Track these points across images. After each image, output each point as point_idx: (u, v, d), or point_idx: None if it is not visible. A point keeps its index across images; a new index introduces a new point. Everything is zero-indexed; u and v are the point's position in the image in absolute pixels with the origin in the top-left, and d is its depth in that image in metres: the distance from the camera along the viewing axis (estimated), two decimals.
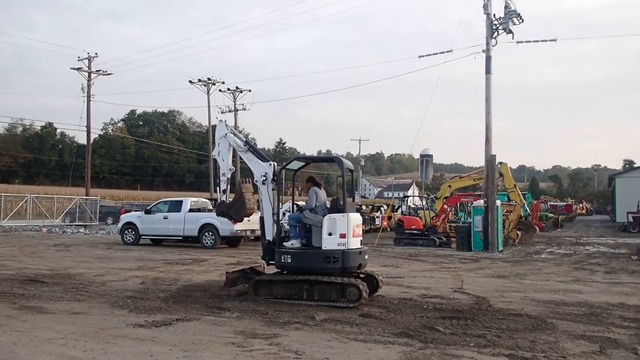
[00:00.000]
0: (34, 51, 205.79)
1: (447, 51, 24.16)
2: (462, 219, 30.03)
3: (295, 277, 9.31)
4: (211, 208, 23.61)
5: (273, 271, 10.09)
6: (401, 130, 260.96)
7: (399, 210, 36.85)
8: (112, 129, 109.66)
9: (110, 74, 40.07)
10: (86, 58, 38.59)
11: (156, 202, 25.01)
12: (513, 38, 22.50)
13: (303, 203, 10.44)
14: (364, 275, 9.97)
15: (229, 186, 10.61)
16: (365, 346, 6.66)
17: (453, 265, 16.58)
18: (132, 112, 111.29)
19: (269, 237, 9.84)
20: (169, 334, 7.14)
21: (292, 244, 9.63)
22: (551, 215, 48.39)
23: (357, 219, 9.81)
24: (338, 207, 9.60)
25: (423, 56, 25.37)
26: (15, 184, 76.50)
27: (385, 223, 33.04)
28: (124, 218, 23.91)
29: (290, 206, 10.80)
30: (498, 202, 22.41)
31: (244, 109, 44.48)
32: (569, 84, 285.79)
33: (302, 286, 9.26)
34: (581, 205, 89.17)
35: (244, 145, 10.43)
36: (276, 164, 10.16)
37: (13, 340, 6.69)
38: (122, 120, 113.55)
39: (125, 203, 49.34)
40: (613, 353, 6.50)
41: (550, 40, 24.11)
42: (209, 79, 43.11)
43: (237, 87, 44.41)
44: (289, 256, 9.35)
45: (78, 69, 38.56)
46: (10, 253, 18.13)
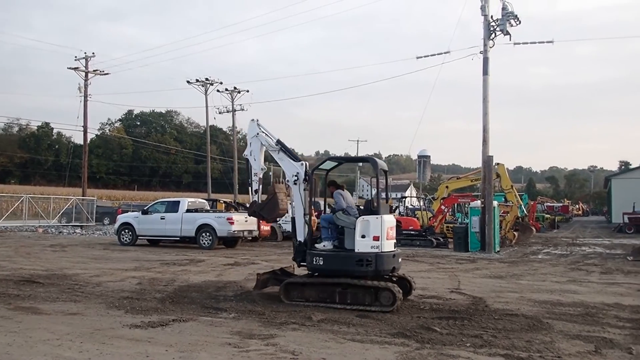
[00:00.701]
0: (31, 50, 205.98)
1: (445, 52, 24.26)
2: (460, 220, 30.07)
3: (327, 280, 9.14)
4: (208, 209, 23.64)
5: (302, 273, 9.97)
6: (399, 131, 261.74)
7: (397, 210, 36.87)
8: (109, 129, 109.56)
9: (107, 74, 40.05)
10: (83, 58, 38.56)
11: (153, 203, 24.97)
12: (510, 39, 22.58)
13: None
14: (396, 277, 9.76)
15: (261, 186, 10.47)
16: (362, 346, 6.66)
17: (450, 265, 16.61)
18: (130, 112, 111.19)
19: (300, 238, 9.67)
20: (166, 335, 7.13)
21: (324, 246, 9.42)
22: (548, 216, 48.48)
23: (391, 221, 9.60)
24: (372, 209, 9.45)
25: (421, 57, 25.46)
26: (11, 184, 76.36)
27: None
28: (121, 218, 23.86)
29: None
30: (495, 203, 22.44)
31: (242, 110, 44.39)
32: (566, 86, 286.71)
33: (335, 289, 9.04)
34: (577, 206, 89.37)
35: (276, 144, 10.22)
36: (308, 164, 10.00)
37: (8, 341, 6.66)
38: (120, 120, 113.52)
39: (122, 203, 49.27)
40: (608, 353, 6.52)
41: (547, 42, 24.23)
42: (207, 79, 43.07)
43: (235, 88, 44.34)
44: (321, 258, 9.13)
45: (75, 69, 38.51)
46: (5, 253, 18.08)
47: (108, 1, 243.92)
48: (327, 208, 10.72)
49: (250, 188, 10.45)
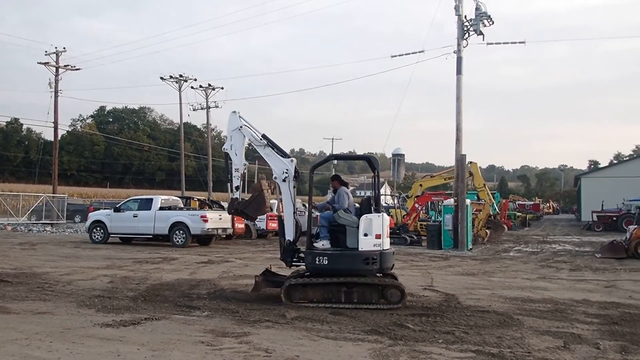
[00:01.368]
0: (0, 44, 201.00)
1: (419, 51, 24.45)
2: (433, 218, 30.34)
3: (333, 280, 8.96)
4: (182, 206, 23.44)
5: (288, 273, 9.91)
6: (374, 129, 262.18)
7: None
8: (81, 126, 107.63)
9: (79, 69, 39.31)
10: (54, 52, 37.76)
11: (126, 200, 24.68)
12: (483, 40, 22.87)
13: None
14: (381, 275, 9.68)
15: (241, 182, 10.02)
16: (335, 344, 6.68)
17: (423, 263, 16.76)
18: (102, 109, 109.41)
19: (290, 238, 9.46)
20: (137, 334, 7.05)
21: (323, 245, 9.23)
22: (519, 214, 49.17)
23: (388, 219, 9.70)
24: (373, 208, 9.51)
25: (396, 56, 25.64)
26: None
27: None
28: (93, 216, 23.53)
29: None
30: (468, 201, 22.70)
31: (217, 107, 44.05)
32: (538, 86, 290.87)
33: (340, 289, 8.97)
34: (548, 204, 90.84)
35: (262, 139, 9.80)
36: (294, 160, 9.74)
37: None
38: (91, 116, 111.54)
39: (94, 201, 48.50)
40: (576, 348, 6.66)
41: (519, 42, 24.64)
42: (181, 76, 42.65)
43: (210, 85, 43.98)
44: (326, 258, 8.92)
45: (45, 64, 37.71)
46: None
47: None
48: (302, 206, 10.49)
49: (229, 185, 9.94)
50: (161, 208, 21.99)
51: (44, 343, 6.49)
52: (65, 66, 38.38)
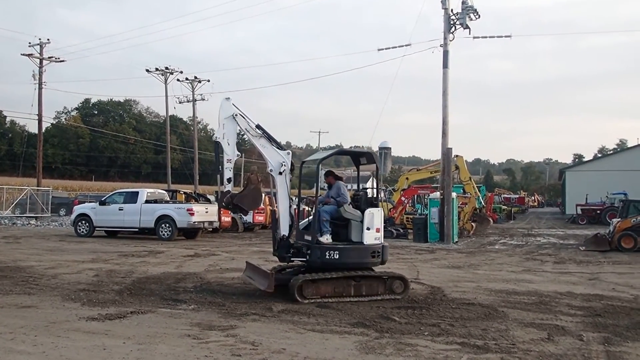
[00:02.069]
0: None
1: (406, 45, 24.50)
2: (419, 211, 30.48)
3: (345, 274, 8.93)
4: (168, 200, 23.32)
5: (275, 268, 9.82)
6: (360, 122, 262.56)
7: None
8: (66, 118, 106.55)
9: (63, 61, 38.89)
10: (38, 44, 37.29)
11: (111, 193, 24.48)
12: (470, 33, 22.98)
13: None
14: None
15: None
16: (321, 336, 6.70)
17: (409, 256, 16.84)
18: (87, 101, 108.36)
19: (285, 232, 9.29)
20: (123, 327, 7.02)
21: (327, 239, 9.07)
22: (504, 207, 49.63)
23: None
24: (373, 202, 9.61)
25: (382, 49, 25.68)
26: None
27: None
28: (78, 209, 23.35)
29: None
30: (454, 195, 22.84)
31: (203, 99, 43.83)
32: (523, 80, 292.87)
33: (350, 283, 8.97)
34: (533, 197, 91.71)
35: (257, 129, 9.42)
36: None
37: None
38: (76, 109, 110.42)
39: (79, 194, 48.05)
40: (560, 340, 6.73)
41: (505, 36, 24.97)
42: (167, 68, 42.36)
43: (196, 77, 43.76)
44: (337, 252, 8.87)
45: (29, 55, 37.23)
46: None
47: None
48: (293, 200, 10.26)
49: (220, 176, 9.39)
50: (147, 201, 21.88)
51: (29, 337, 6.43)
52: (49, 58, 37.95)
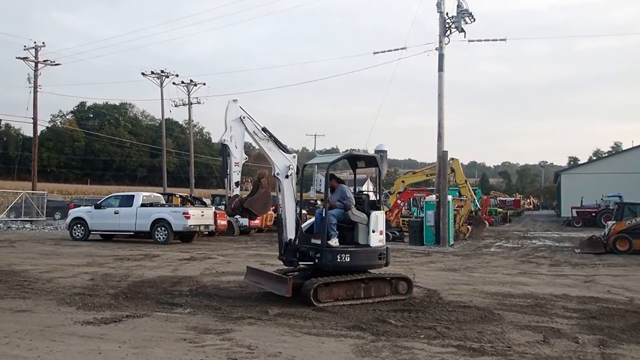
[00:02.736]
0: None
1: (402, 48, 24.47)
2: (415, 214, 30.52)
3: (355, 277, 9.07)
4: (163, 203, 23.27)
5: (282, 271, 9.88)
6: (356, 125, 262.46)
7: None
8: (61, 122, 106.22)
9: (58, 64, 38.81)
10: (33, 47, 37.28)
11: (107, 197, 24.44)
12: (465, 37, 23.03)
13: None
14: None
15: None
16: (318, 340, 6.70)
17: (405, 259, 16.84)
18: (82, 104, 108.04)
19: (292, 236, 9.27)
20: (119, 331, 7.00)
21: (335, 243, 9.08)
22: (500, 210, 49.62)
23: None
24: (376, 205, 9.76)
25: (378, 52, 25.68)
26: None
27: None
28: (73, 213, 23.27)
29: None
30: (449, 197, 22.87)
31: (199, 103, 43.82)
32: (518, 83, 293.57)
33: (360, 285, 9.13)
34: (529, 200, 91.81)
35: (264, 132, 9.31)
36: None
37: None
38: (72, 112, 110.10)
39: (74, 198, 47.92)
40: (556, 342, 6.75)
41: (500, 39, 24.85)
42: (163, 72, 42.29)
43: (192, 80, 43.70)
44: (348, 255, 8.99)
45: (24, 59, 37.19)
46: None
47: None
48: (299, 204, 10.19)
49: (228, 180, 9.12)
50: (143, 205, 21.82)
51: (24, 341, 6.41)
52: (44, 61, 37.91)
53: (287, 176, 9.32)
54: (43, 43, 37.70)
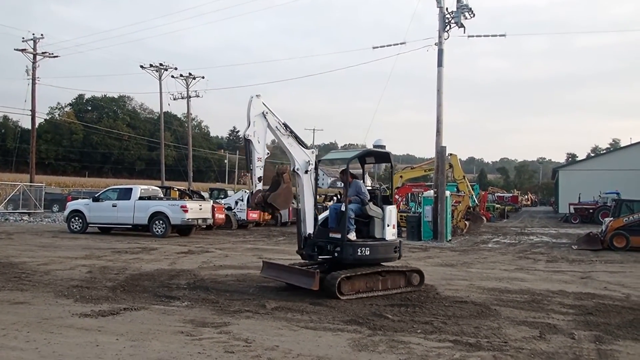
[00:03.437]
0: None
1: (401, 43, 24.43)
2: (413, 209, 30.54)
3: (375, 270, 9.34)
4: (162, 196, 23.26)
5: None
6: (355, 120, 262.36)
7: None
8: (59, 114, 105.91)
9: (57, 57, 38.60)
10: (31, 39, 37.08)
11: (105, 190, 24.43)
12: (464, 32, 22.97)
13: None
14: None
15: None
16: (315, 334, 6.72)
17: (403, 254, 16.80)
18: (80, 97, 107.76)
19: (310, 230, 9.43)
20: (116, 324, 7.02)
21: (353, 236, 9.26)
22: (498, 206, 49.73)
23: None
24: (389, 200, 10.01)
25: (377, 47, 25.63)
26: None
27: None
28: (71, 205, 23.29)
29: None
30: (447, 193, 22.89)
31: (197, 96, 43.75)
32: (517, 79, 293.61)
33: (377, 278, 9.35)
34: (526, 196, 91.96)
35: (285, 128, 9.41)
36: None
37: None
38: (70, 104, 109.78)
39: (72, 190, 47.87)
40: (552, 338, 6.77)
41: (499, 35, 24.81)
42: (161, 65, 42.14)
43: (190, 74, 43.59)
44: (368, 249, 9.23)
45: (22, 50, 37.01)
46: None
47: None
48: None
49: (251, 175, 9.19)
50: (141, 198, 21.83)
51: (21, 333, 6.42)
52: (42, 53, 37.72)
53: (307, 171, 9.48)
54: (42, 35, 37.51)
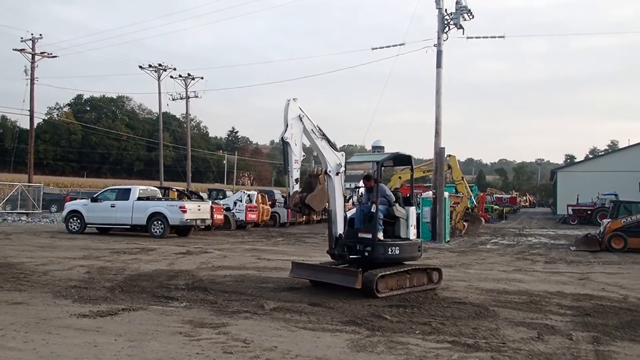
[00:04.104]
0: None
1: (400, 44, 24.49)
2: None
3: (404, 268, 9.70)
4: (160, 197, 23.25)
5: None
6: (354, 121, 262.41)
7: (350, 200, 37.08)
8: (58, 114, 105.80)
9: (55, 57, 38.61)
10: (30, 39, 37.06)
11: (103, 190, 24.44)
12: (463, 33, 23.04)
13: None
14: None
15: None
16: (313, 334, 6.72)
17: None
18: (79, 97, 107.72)
19: (341, 231, 9.65)
20: (115, 324, 7.01)
21: (381, 236, 9.61)
22: (496, 207, 49.73)
23: None
24: (411, 201, 10.41)
25: (376, 48, 25.69)
26: None
27: None
28: (69, 206, 23.28)
29: None
30: (446, 194, 22.90)
31: (196, 97, 43.80)
32: (516, 80, 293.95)
33: (406, 276, 9.71)
34: (525, 197, 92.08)
35: (319, 131, 9.57)
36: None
37: None
38: (68, 105, 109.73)
39: (70, 190, 47.82)
40: (550, 339, 6.78)
41: (498, 36, 24.92)
42: (160, 65, 42.16)
43: (189, 74, 43.62)
44: (398, 248, 9.61)
45: (21, 50, 36.99)
46: None
47: None
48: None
49: (288, 177, 9.21)
50: (139, 198, 21.83)
51: (19, 334, 6.42)
52: (41, 53, 37.72)
53: (338, 173, 9.68)
54: (40, 35, 37.51)
